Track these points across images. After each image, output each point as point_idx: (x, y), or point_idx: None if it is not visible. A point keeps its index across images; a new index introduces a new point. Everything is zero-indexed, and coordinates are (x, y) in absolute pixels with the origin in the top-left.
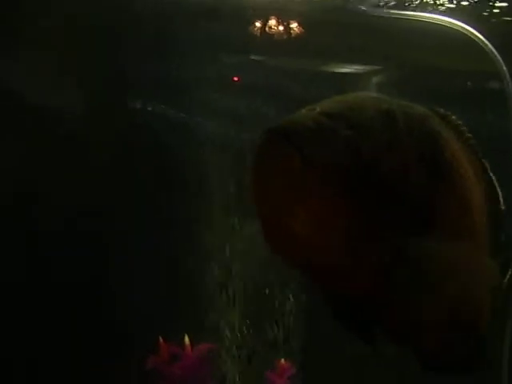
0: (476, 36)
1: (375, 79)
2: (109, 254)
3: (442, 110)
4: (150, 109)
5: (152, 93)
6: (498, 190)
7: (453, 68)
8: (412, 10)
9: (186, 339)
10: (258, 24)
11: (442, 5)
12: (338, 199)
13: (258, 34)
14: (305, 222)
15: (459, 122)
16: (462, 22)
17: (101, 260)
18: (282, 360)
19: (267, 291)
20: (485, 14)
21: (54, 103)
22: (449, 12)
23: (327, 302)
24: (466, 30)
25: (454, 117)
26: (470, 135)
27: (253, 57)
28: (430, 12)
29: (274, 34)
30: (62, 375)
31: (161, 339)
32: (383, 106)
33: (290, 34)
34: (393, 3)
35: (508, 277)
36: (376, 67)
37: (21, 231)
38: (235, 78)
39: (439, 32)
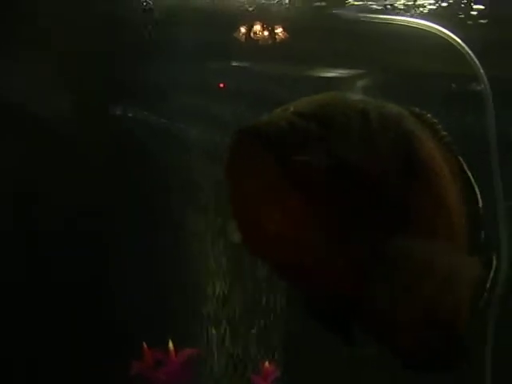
0: (453, 39)
1: (360, 83)
2: (108, 254)
3: (417, 109)
4: (131, 115)
5: (136, 98)
6: (476, 189)
7: (434, 71)
8: (395, 14)
9: (170, 345)
10: (242, 30)
11: (424, 6)
12: (313, 200)
13: (243, 40)
14: (279, 223)
15: (434, 121)
16: (440, 25)
17: (100, 260)
18: (267, 363)
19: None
20: (461, 16)
21: (48, 105)
22: (431, 15)
23: (304, 302)
24: (443, 33)
25: (429, 115)
26: (445, 133)
27: (237, 62)
28: (409, 16)
29: (258, 40)
30: (62, 375)
31: (144, 345)
32: (358, 106)
33: (275, 39)
34: (376, 7)
35: (490, 276)
36: (360, 71)
37: (21, 231)
38: (221, 85)
39: (421, 36)
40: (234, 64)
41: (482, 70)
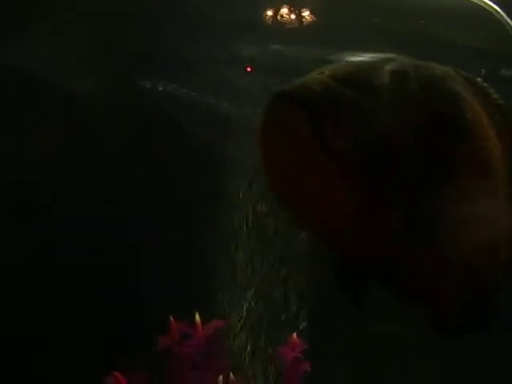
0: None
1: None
2: (135, 236)
3: (464, 72)
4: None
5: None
6: None
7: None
8: None
9: (197, 317)
10: (269, 12)
11: None
12: (348, 167)
13: (270, 21)
14: (313, 188)
15: (485, 85)
16: None
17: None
18: (294, 335)
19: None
20: None
21: (75, 80)
22: None
23: (332, 261)
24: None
25: (478, 79)
26: (497, 96)
27: (266, 43)
28: None
29: (286, 22)
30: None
31: (171, 318)
32: (395, 66)
33: (307, 20)
34: None
35: None
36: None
37: (35, 222)
38: (248, 69)
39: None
40: (263, 44)
41: None
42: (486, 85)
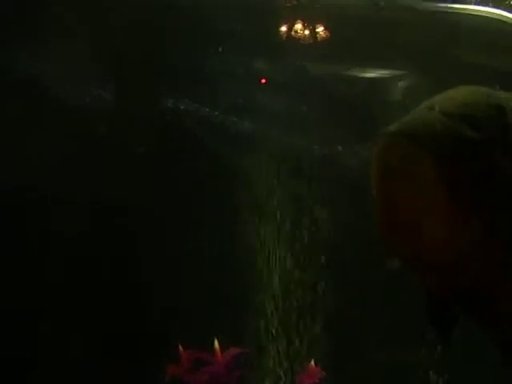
0: None
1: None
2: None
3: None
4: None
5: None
6: None
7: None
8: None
9: (216, 344)
10: (284, 27)
11: None
12: (468, 206)
13: (285, 37)
14: (433, 227)
15: None
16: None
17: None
18: (312, 362)
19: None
20: None
21: (96, 97)
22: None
23: (430, 301)
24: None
25: None
26: None
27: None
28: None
29: (300, 38)
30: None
31: (180, 347)
32: (492, 101)
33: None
34: None
35: None
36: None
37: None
38: (263, 80)
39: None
40: (278, 59)
41: None
42: None
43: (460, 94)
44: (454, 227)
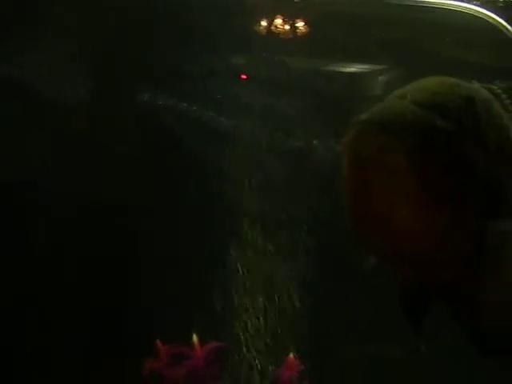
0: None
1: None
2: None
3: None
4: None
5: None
6: None
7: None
8: None
9: (195, 338)
10: (264, 23)
11: None
12: (439, 195)
13: (265, 32)
14: (404, 216)
15: (499, 91)
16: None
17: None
18: (291, 355)
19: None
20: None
21: (72, 92)
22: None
23: (403, 291)
24: (493, 18)
25: (493, 87)
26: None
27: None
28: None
29: (280, 33)
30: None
31: (158, 342)
32: (462, 92)
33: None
34: None
35: None
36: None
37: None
38: (243, 76)
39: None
40: (257, 55)
41: None
42: (499, 91)
43: (430, 84)
44: (424, 216)
